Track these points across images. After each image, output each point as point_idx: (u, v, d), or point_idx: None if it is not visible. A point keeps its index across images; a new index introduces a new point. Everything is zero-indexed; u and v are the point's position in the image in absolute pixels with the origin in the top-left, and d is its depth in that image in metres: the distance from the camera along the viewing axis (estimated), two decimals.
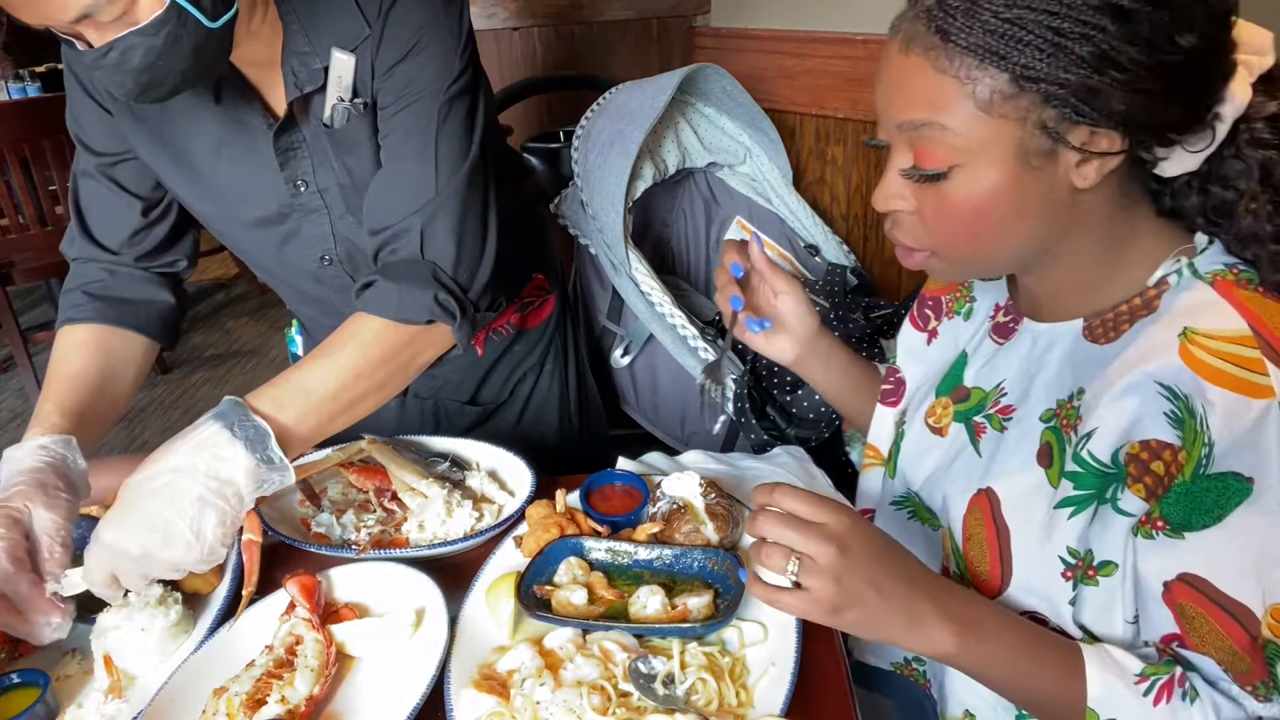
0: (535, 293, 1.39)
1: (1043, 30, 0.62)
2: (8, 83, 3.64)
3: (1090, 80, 0.63)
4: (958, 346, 0.92)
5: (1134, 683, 0.67)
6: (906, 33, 0.69)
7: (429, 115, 0.99)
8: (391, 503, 1.07)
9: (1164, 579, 0.66)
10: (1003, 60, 0.64)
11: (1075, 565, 0.73)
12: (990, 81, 0.65)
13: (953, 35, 0.65)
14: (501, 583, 0.89)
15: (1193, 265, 0.72)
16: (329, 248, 1.12)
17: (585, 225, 1.89)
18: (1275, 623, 0.63)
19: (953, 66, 0.66)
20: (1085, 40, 0.62)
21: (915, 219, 0.75)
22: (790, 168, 2.12)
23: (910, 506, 0.93)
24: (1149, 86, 0.63)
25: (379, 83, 0.99)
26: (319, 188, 1.07)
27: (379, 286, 0.99)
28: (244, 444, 0.84)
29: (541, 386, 1.43)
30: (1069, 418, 0.75)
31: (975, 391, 0.87)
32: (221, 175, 1.06)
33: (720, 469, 1.13)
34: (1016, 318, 0.85)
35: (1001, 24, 0.63)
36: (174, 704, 0.80)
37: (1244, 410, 0.63)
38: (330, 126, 1.02)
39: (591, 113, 1.86)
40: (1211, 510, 0.64)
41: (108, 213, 1.11)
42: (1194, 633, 0.66)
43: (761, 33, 2.38)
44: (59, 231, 3.09)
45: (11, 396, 3.40)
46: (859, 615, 0.68)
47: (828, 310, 1.88)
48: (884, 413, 1.01)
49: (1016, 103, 0.65)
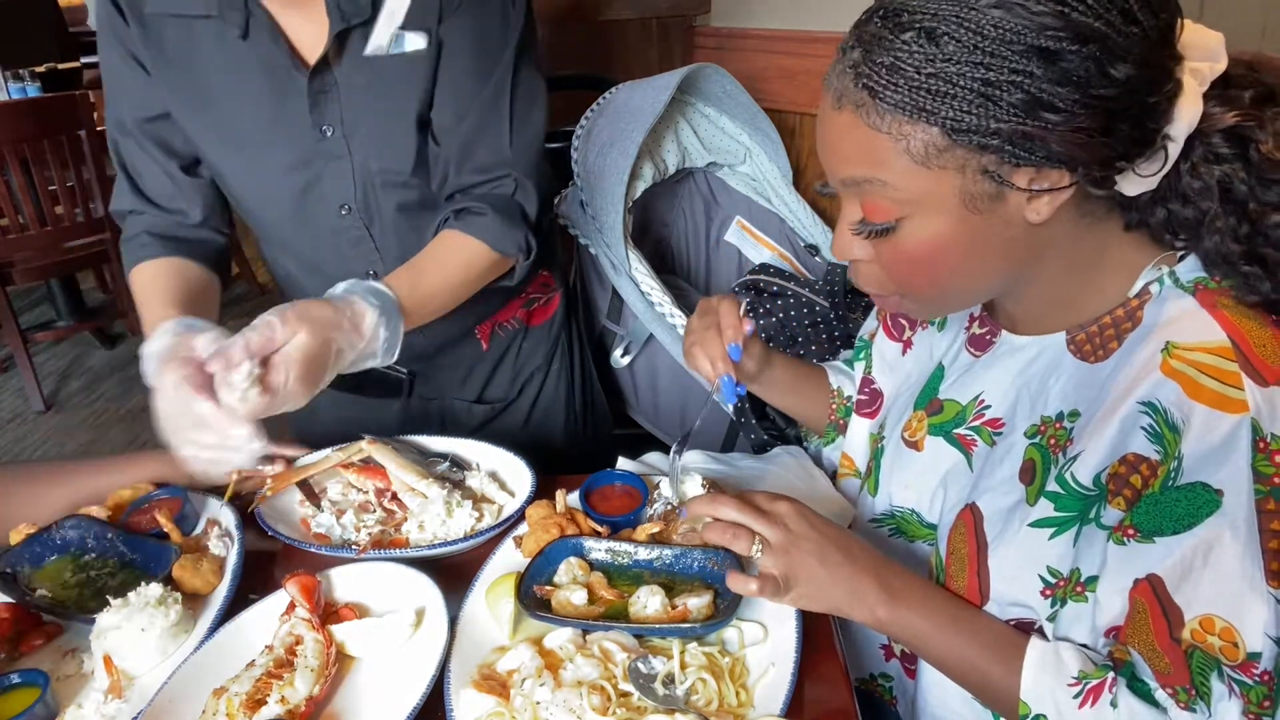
0: (541, 289, 1.39)
1: (969, 82, 0.61)
2: (8, 83, 3.64)
3: (1024, 126, 0.61)
4: (934, 358, 0.92)
5: (1068, 684, 0.67)
6: (836, 89, 0.67)
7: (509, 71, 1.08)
8: (391, 503, 1.07)
9: (1134, 576, 0.66)
10: (932, 115, 0.62)
11: (1056, 585, 0.73)
12: (923, 136, 0.63)
13: (878, 93, 0.64)
14: (501, 583, 0.89)
15: (1174, 274, 0.71)
16: (349, 197, 1.13)
17: (585, 225, 1.89)
18: (1201, 631, 0.62)
19: (884, 123, 0.64)
20: (1014, 88, 0.60)
21: (875, 267, 0.74)
22: (790, 167, 2.12)
23: (892, 523, 0.92)
24: (1086, 125, 0.61)
25: (447, 24, 1.04)
26: (344, 133, 1.08)
27: (488, 217, 1.09)
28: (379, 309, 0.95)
29: (549, 386, 1.43)
30: (1058, 437, 0.74)
31: (949, 404, 0.86)
32: (248, 119, 1.08)
33: (720, 469, 1.13)
34: (993, 330, 0.84)
35: (925, 80, 0.62)
36: (174, 704, 0.80)
37: (1217, 424, 0.63)
38: (377, 58, 1.04)
39: (591, 112, 1.86)
40: (1183, 519, 0.63)
41: (155, 173, 1.14)
42: (1131, 623, 0.66)
43: (761, 33, 2.38)
44: (59, 231, 3.10)
45: (11, 396, 3.40)
46: (807, 589, 0.77)
47: (827, 310, 1.88)
48: (859, 424, 1.01)
49: (952, 154, 0.64)
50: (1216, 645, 0.61)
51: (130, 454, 1.10)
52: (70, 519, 1.00)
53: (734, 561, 0.88)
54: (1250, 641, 0.60)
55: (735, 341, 0.94)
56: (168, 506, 1.02)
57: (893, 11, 0.63)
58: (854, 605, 0.76)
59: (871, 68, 0.64)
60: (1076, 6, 0.59)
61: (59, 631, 0.92)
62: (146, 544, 0.98)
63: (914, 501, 0.89)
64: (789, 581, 0.77)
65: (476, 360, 1.35)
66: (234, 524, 1.01)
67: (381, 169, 1.11)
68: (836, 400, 1.09)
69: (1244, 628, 0.60)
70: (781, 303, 1.89)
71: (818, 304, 1.89)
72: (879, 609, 0.76)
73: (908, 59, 0.62)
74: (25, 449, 3.07)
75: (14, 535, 0.99)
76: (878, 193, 0.67)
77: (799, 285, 1.93)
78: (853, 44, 0.66)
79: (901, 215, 0.68)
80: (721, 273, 2.28)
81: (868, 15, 0.66)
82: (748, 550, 0.78)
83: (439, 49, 1.06)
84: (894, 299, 0.77)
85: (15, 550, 0.97)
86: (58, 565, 0.98)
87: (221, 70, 1.05)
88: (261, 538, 1.02)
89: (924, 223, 0.68)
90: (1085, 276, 0.73)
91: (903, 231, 0.69)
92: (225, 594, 0.93)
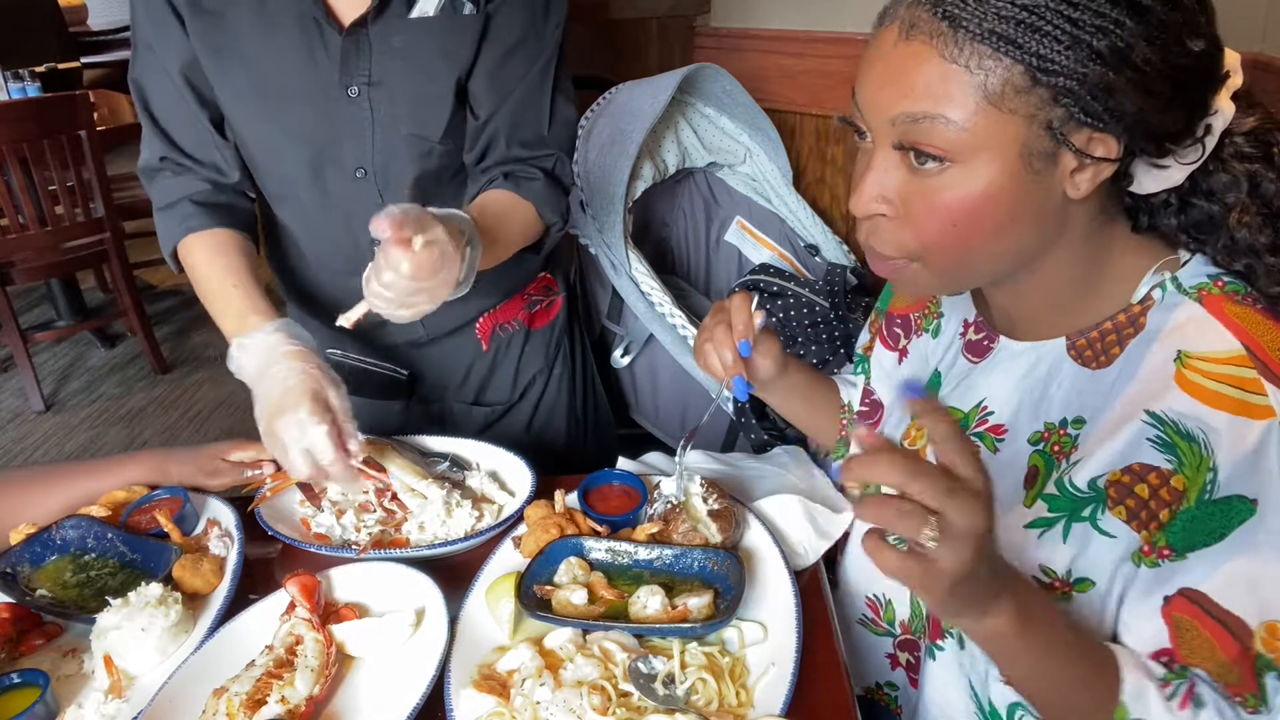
0: (543, 291, 1.39)
1: (1060, 20, 0.59)
2: (8, 83, 3.64)
3: (1107, 76, 0.60)
4: (929, 365, 0.91)
5: (1160, 686, 0.65)
6: (906, 19, 0.64)
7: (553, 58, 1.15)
8: (391, 503, 1.07)
9: (1165, 594, 0.65)
10: (1019, 49, 0.60)
11: (1051, 585, 0.72)
12: (1004, 72, 0.61)
13: (964, 21, 0.61)
14: (501, 583, 0.89)
15: (1176, 279, 0.70)
16: (366, 160, 1.14)
17: (585, 225, 1.90)
18: (1270, 638, 0.62)
19: (962, 55, 0.61)
20: (1103, 34, 0.59)
21: (898, 224, 0.70)
22: (790, 167, 2.12)
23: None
24: (1159, 89, 0.61)
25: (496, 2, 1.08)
26: (370, 95, 1.09)
27: (540, 182, 1.14)
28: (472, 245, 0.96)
29: (551, 390, 1.43)
30: (1062, 444, 0.73)
31: (951, 411, 0.85)
32: (275, 73, 1.08)
33: (720, 469, 1.13)
34: (990, 336, 0.83)
35: (1017, 10, 0.60)
36: (174, 704, 0.80)
37: (1246, 432, 0.62)
38: (419, 21, 1.06)
39: (591, 112, 1.86)
40: (1215, 531, 0.63)
41: (188, 121, 1.14)
42: (1185, 645, 0.65)
43: (761, 33, 2.39)
44: (59, 231, 3.10)
45: (11, 396, 3.40)
46: (966, 592, 0.58)
47: (828, 310, 1.88)
48: None
49: (1028, 97, 0.61)
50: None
51: (123, 456, 1.09)
52: (70, 519, 1.00)
53: (735, 566, 0.88)
54: None
55: (745, 338, 0.93)
56: (168, 506, 1.02)
57: None
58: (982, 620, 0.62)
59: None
60: None
61: (59, 631, 0.92)
62: (146, 544, 0.98)
63: None
64: (958, 583, 0.57)
65: (475, 359, 1.35)
66: (234, 524, 1.01)
67: (410, 134, 1.12)
68: (847, 415, 1.08)
69: None
70: (781, 303, 1.89)
71: (818, 304, 1.89)
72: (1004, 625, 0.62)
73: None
74: (25, 449, 3.07)
75: (14, 535, 0.99)
76: (935, 131, 0.63)
77: (799, 285, 1.93)
78: None
79: (953, 160, 0.64)
80: (721, 273, 2.28)
81: None
82: (917, 533, 0.55)
83: (486, 21, 1.09)
84: (902, 262, 0.72)
85: (15, 550, 0.97)
86: (58, 565, 0.98)
87: (253, 21, 1.06)
88: (262, 538, 1.02)
89: (973, 172, 0.64)
90: (1086, 278, 0.73)
91: (946, 178, 0.65)
92: (225, 594, 0.93)
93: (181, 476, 1.08)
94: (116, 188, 3.32)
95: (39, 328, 3.65)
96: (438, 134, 1.13)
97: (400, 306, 0.88)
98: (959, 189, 0.65)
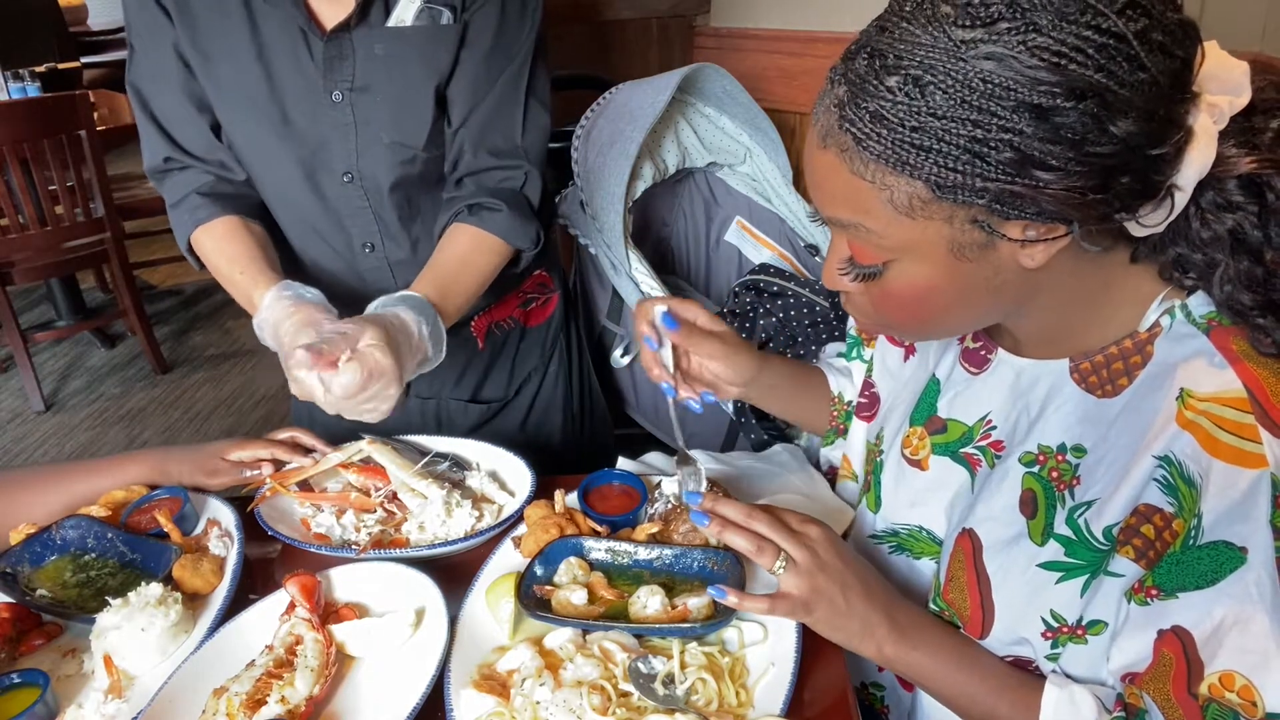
0: (538, 290, 1.39)
1: (955, 137, 0.56)
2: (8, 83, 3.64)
3: (1013, 185, 0.57)
4: (928, 368, 0.89)
5: (1106, 708, 0.67)
6: (822, 125, 0.63)
7: (525, 62, 1.13)
8: (391, 503, 1.07)
9: (1160, 627, 0.63)
10: (915, 170, 0.58)
11: (1059, 629, 0.71)
12: (906, 188, 0.60)
13: (863, 141, 0.60)
14: (501, 583, 0.89)
15: (1185, 307, 0.67)
16: (351, 165, 1.14)
17: (585, 225, 1.89)
18: (1220, 687, 0.60)
19: (867, 171, 0.61)
20: (1003, 145, 0.56)
21: (864, 300, 0.72)
22: (790, 167, 2.12)
23: (893, 541, 0.90)
24: (1081, 183, 0.57)
25: (473, 8, 1.09)
26: (353, 101, 1.10)
27: (503, 213, 1.14)
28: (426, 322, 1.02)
29: (546, 387, 1.43)
30: (1061, 471, 0.72)
31: (953, 424, 0.84)
32: (259, 79, 1.09)
33: (720, 469, 1.13)
34: (988, 346, 0.82)
35: (910, 133, 0.57)
36: (174, 704, 0.80)
37: (1236, 479, 0.60)
38: (398, 30, 1.07)
39: (591, 113, 1.86)
40: (1206, 575, 0.61)
41: (189, 121, 1.14)
42: (1152, 672, 0.64)
43: (761, 33, 2.39)
44: (59, 231, 3.10)
45: (11, 396, 3.40)
46: (824, 615, 0.76)
47: (827, 310, 1.88)
48: (859, 426, 1.01)
49: (938, 206, 0.60)
50: (1235, 702, 0.60)
51: (123, 455, 1.09)
52: (70, 519, 1.00)
53: (735, 566, 0.88)
54: (1270, 701, 0.58)
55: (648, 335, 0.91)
56: (168, 506, 1.02)
57: (879, 53, 0.59)
58: (864, 639, 0.76)
59: (856, 113, 0.60)
60: (1075, 58, 0.54)
61: (59, 631, 0.92)
62: (146, 544, 0.98)
63: (921, 519, 0.87)
64: (807, 606, 0.76)
65: (471, 358, 1.35)
66: (234, 524, 1.01)
67: (393, 141, 1.13)
68: (837, 406, 1.08)
69: (1265, 687, 0.58)
70: (781, 303, 1.89)
71: (818, 304, 1.89)
72: (886, 646, 0.76)
73: (892, 109, 0.58)
74: (25, 449, 3.07)
75: (14, 535, 0.99)
76: (860, 237, 0.65)
77: (799, 285, 1.93)
78: (840, 79, 0.62)
79: (888, 259, 0.65)
80: (721, 273, 2.28)
81: (856, 48, 0.62)
82: (771, 565, 0.77)
83: (464, 29, 1.09)
84: (885, 328, 0.77)
85: (15, 550, 0.97)
86: (58, 565, 0.98)
87: (239, 27, 1.06)
88: (262, 538, 1.02)
89: (910, 268, 0.65)
90: (1090, 307, 0.70)
91: (889, 274, 0.66)
92: (225, 594, 0.93)
93: (181, 476, 1.08)
94: (116, 188, 3.32)
95: (39, 328, 3.66)
96: (420, 141, 1.14)
97: (355, 415, 0.94)
98: (901, 281, 0.67)
